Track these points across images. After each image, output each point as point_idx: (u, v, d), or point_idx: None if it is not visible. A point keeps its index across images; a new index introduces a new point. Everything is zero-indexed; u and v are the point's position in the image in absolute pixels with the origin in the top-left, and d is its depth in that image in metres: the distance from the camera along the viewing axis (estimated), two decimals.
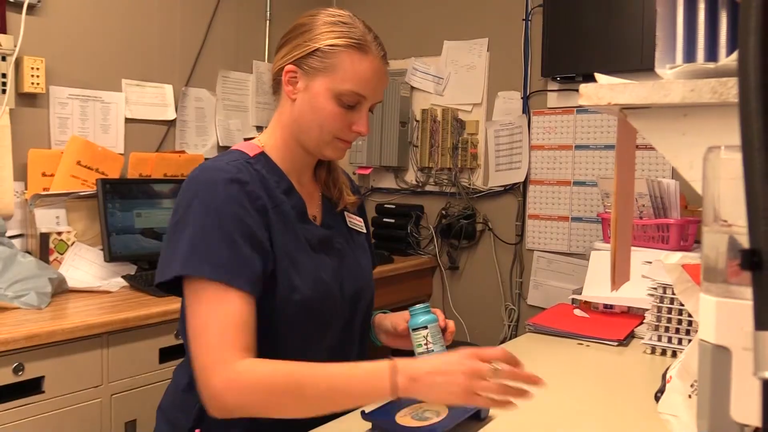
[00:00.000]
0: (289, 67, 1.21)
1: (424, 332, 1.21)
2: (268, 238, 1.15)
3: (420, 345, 1.20)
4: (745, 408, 0.52)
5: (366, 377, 1.04)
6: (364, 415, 1.13)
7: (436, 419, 1.13)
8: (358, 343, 1.34)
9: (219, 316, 1.06)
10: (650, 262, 1.91)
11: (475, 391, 0.98)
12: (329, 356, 1.25)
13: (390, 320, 1.37)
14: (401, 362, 1.03)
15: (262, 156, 1.25)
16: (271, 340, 1.19)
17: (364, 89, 1.20)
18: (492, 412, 1.20)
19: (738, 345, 0.52)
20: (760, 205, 0.41)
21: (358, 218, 1.41)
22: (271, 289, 1.15)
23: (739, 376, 0.52)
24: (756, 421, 0.50)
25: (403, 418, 1.13)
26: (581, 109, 2.96)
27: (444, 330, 1.25)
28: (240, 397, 1.04)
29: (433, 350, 1.19)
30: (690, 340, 1.59)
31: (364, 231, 1.42)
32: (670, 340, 1.65)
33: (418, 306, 1.24)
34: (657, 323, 1.66)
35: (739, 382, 0.52)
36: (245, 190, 1.14)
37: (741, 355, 0.52)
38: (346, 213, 1.37)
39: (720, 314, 0.53)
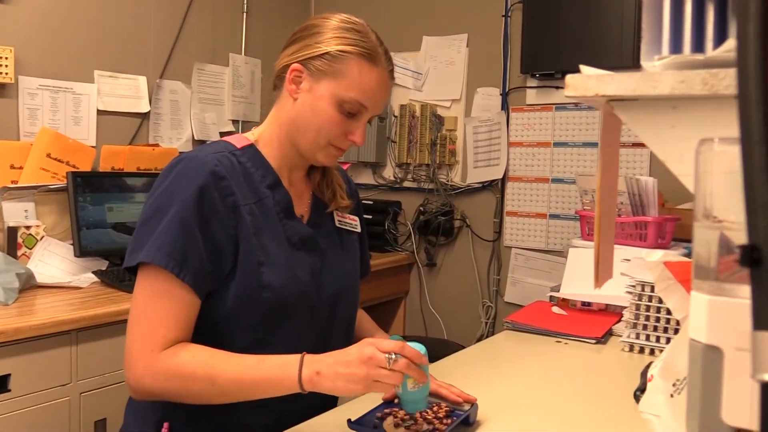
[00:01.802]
0: (296, 65, 1.20)
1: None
2: (234, 236, 1.14)
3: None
4: (736, 410, 0.50)
5: (274, 369, 1.05)
6: (350, 424, 1.10)
7: (426, 427, 1.11)
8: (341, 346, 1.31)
9: (159, 307, 1.09)
10: (628, 260, 1.91)
11: (375, 379, 1.00)
12: None
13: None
14: (309, 356, 1.05)
15: (251, 149, 1.23)
16: (243, 339, 1.16)
17: (368, 100, 1.19)
18: (479, 417, 1.18)
19: (730, 345, 0.50)
20: (760, 200, 0.40)
21: (352, 217, 1.39)
22: (239, 284, 1.14)
23: (731, 377, 0.50)
24: (749, 424, 0.49)
25: (392, 426, 1.10)
26: (560, 106, 2.96)
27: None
28: (158, 383, 1.08)
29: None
30: (669, 338, 1.59)
31: (358, 230, 1.39)
32: (648, 337, 1.64)
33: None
34: (635, 321, 1.66)
35: (731, 383, 0.50)
36: (219, 184, 1.14)
37: (733, 356, 0.50)
38: (337, 213, 1.35)
39: (712, 313, 0.51)
